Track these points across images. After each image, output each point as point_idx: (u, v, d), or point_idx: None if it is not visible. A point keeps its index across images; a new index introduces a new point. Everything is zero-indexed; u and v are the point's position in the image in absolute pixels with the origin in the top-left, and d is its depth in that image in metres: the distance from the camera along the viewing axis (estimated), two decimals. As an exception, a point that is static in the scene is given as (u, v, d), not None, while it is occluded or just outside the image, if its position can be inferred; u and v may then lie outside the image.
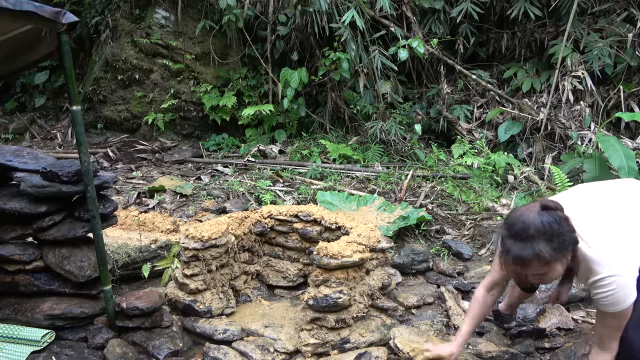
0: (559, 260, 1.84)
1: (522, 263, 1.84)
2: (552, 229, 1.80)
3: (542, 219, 1.82)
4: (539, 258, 1.81)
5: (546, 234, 1.80)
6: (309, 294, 2.77)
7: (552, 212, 1.83)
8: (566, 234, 1.82)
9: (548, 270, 1.85)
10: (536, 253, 1.80)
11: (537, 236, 1.80)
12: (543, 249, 1.79)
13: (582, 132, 5.75)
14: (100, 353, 2.65)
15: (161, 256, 3.57)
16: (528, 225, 1.82)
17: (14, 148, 3.06)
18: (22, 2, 2.07)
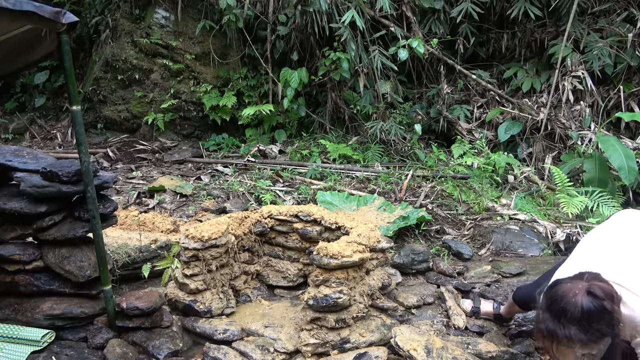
0: (591, 346, 1.82)
1: (552, 339, 1.85)
2: (591, 318, 1.78)
3: (585, 306, 1.79)
4: (570, 341, 1.81)
5: (582, 323, 1.79)
6: (309, 294, 2.77)
7: (597, 301, 1.79)
8: (605, 325, 1.79)
9: (577, 350, 1.83)
10: (567, 336, 1.80)
11: (574, 322, 1.80)
12: (576, 335, 1.79)
13: (582, 132, 5.75)
14: (100, 353, 2.65)
15: (161, 256, 3.57)
16: (567, 310, 1.81)
17: (14, 148, 3.06)
18: (22, 2, 2.07)
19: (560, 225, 4.23)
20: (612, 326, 1.80)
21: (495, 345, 2.85)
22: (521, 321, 3.12)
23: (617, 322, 1.80)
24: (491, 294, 3.39)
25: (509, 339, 3.01)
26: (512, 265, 3.66)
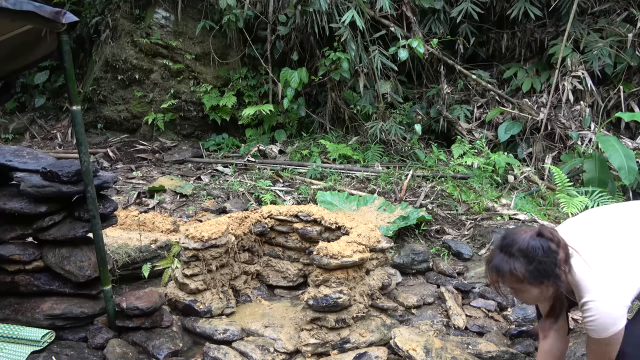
0: (535, 285, 1.88)
1: (497, 273, 1.93)
2: (535, 254, 1.86)
3: (530, 243, 1.88)
4: (512, 274, 1.88)
5: (527, 257, 1.86)
6: (309, 294, 2.77)
7: (543, 240, 1.87)
8: (547, 264, 1.85)
9: (522, 288, 1.91)
10: (510, 269, 1.88)
11: (518, 255, 1.87)
12: (518, 268, 1.86)
13: (582, 132, 5.75)
14: (100, 353, 2.65)
15: (161, 256, 3.57)
16: (515, 243, 1.90)
17: (14, 148, 3.06)
18: (22, 2, 2.07)
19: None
20: (555, 269, 1.85)
21: (495, 345, 2.85)
22: (521, 321, 3.12)
23: (561, 267, 1.85)
24: (491, 294, 3.39)
25: (509, 339, 3.01)
26: (512, 265, 3.65)
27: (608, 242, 1.96)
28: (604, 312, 1.83)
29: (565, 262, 1.88)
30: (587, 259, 1.91)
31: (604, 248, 1.94)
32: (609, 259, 1.91)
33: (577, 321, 3.08)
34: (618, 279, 1.86)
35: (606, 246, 1.95)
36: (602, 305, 1.83)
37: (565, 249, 1.90)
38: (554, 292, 1.91)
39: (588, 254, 1.92)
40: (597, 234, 2.00)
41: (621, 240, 1.96)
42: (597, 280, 1.87)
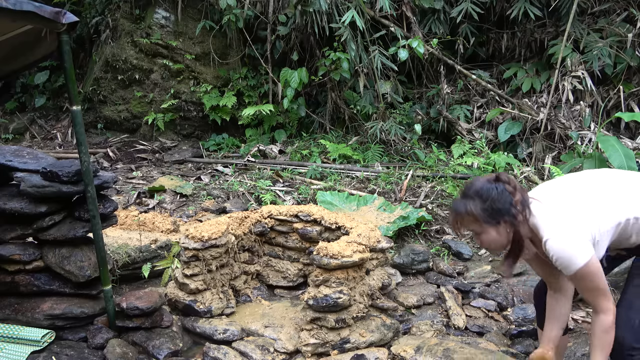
0: (490, 225, 1.97)
1: (455, 215, 2.04)
2: (489, 194, 1.96)
3: (485, 185, 1.99)
4: (468, 214, 1.99)
5: (481, 197, 1.97)
6: (309, 294, 2.77)
7: (499, 183, 1.98)
8: (502, 204, 1.95)
9: (479, 230, 2.00)
10: (466, 209, 1.99)
11: (474, 197, 1.99)
12: (473, 207, 1.97)
13: (582, 132, 5.75)
14: (100, 353, 2.65)
15: (161, 256, 3.57)
16: (472, 186, 2.03)
17: (14, 148, 3.06)
18: (22, 2, 2.07)
19: (560, 225, 4.23)
20: (510, 208, 1.94)
21: (495, 345, 2.85)
22: (521, 321, 3.12)
23: (517, 207, 1.94)
24: (491, 294, 3.39)
25: (509, 339, 3.01)
26: (512, 265, 3.66)
27: (568, 191, 2.06)
28: (558, 248, 1.90)
29: (522, 204, 1.96)
30: (546, 204, 2.00)
31: (563, 195, 2.04)
32: (566, 202, 2.00)
33: (577, 321, 3.08)
34: (570, 216, 1.94)
35: (565, 193, 2.05)
36: (556, 242, 1.90)
37: (522, 192, 1.98)
38: (513, 234, 1.97)
39: (548, 201, 2.02)
40: (559, 187, 2.11)
41: (581, 189, 2.06)
42: (551, 218, 1.95)
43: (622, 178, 2.11)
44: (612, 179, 2.12)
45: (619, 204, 2.00)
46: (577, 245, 1.89)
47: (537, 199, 2.03)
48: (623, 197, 2.02)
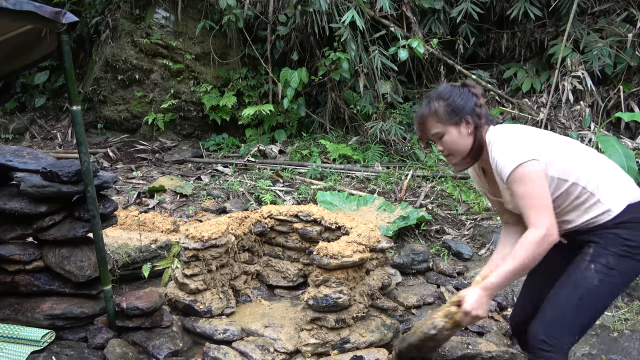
0: (453, 123, 2.00)
1: (420, 119, 2.08)
2: (452, 94, 2.02)
3: (449, 87, 2.06)
4: (431, 115, 2.03)
5: (444, 97, 2.02)
6: (309, 294, 2.77)
7: (463, 87, 2.04)
8: (464, 102, 2.00)
9: (443, 130, 2.02)
10: (430, 109, 2.03)
11: (437, 98, 2.04)
12: (438, 107, 2.01)
13: (582, 132, 5.75)
14: (100, 353, 2.65)
15: (161, 256, 3.57)
16: (436, 90, 2.09)
17: (14, 148, 3.06)
18: (22, 2, 2.07)
19: (560, 225, 4.23)
20: (473, 107, 1.99)
21: (495, 345, 2.85)
22: (521, 321, 3.12)
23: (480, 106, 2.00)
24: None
25: (508, 339, 3.01)
26: (512, 265, 3.66)
27: (528, 130, 2.04)
28: (500, 147, 1.89)
29: (484, 108, 2.01)
30: (503, 131, 2.00)
31: (519, 125, 2.07)
32: (518, 126, 2.03)
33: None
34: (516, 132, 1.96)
35: (524, 129, 2.03)
36: (500, 143, 1.91)
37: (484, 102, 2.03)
38: (474, 134, 2.00)
39: (504, 130, 2.01)
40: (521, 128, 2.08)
41: (541, 131, 2.05)
42: (499, 133, 1.98)
43: (596, 153, 2.03)
44: (586, 147, 2.05)
45: (577, 164, 1.90)
46: (519, 146, 1.86)
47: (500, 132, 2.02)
48: (583, 162, 1.92)
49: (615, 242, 1.86)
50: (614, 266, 1.86)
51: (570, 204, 1.91)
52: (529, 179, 1.81)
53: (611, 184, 1.90)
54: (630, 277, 1.94)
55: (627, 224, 1.86)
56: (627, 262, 1.87)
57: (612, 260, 1.86)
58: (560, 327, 1.88)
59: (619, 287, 1.92)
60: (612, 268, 1.86)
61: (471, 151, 2.03)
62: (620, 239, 1.86)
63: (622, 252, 1.85)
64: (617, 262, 1.86)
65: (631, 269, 1.90)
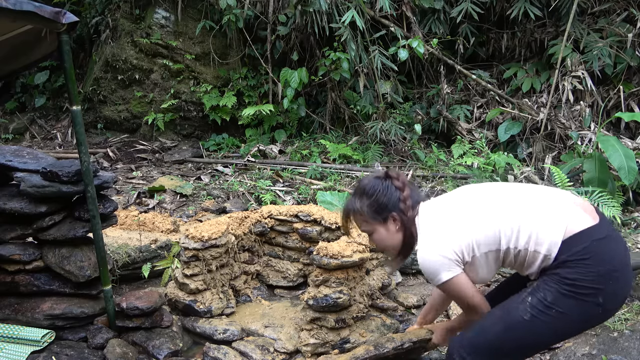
0: (379, 222, 2.01)
1: (344, 214, 2.09)
2: (375, 191, 2.00)
3: (371, 183, 2.03)
4: (356, 212, 2.04)
5: (367, 194, 2.01)
6: (309, 294, 2.77)
7: (385, 180, 2.02)
8: (387, 199, 1.98)
9: (370, 229, 2.04)
10: (354, 208, 2.04)
11: (360, 194, 2.03)
12: (361, 205, 2.02)
13: (582, 132, 5.75)
14: (100, 353, 2.65)
15: (161, 256, 3.57)
16: (360, 184, 2.08)
17: (14, 148, 3.06)
18: (22, 2, 2.07)
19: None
20: (397, 203, 1.99)
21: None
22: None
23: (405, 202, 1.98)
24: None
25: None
26: (512, 265, 3.66)
27: (451, 203, 2.01)
28: (423, 261, 1.92)
29: (410, 200, 1.99)
30: (433, 207, 2.01)
31: (444, 207, 2.00)
32: (444, 215, 1.96)
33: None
34: (440, 230, 1.92)
35: (447, 206, 2.00)
36: (423, 253, 1.92)
37: (411, 188, 2.02)
38: (402, 230, 2.01)
39: (436, 205, 2.02)
40: (446, 200, 2.05)
41: (463, 202, 1.98)
42: (428, 225, 1.96)
43: (519, 199, 1.91)
44: (507, 198, 1.93)
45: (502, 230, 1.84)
46: (436, 260, 1.88)
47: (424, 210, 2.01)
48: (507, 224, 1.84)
49: (555, 279, 1.78)
50: (552, 303, 1.76)
51: (514, 263, 1.90)
52: (455, 294, 1.96)
53: (540, 229, 1.81)
54: (584, 320, 1.81)
55: (567, 262, 1.76)
56: (571, 302, 1.75)
57: (550, 296, 1.77)
58: (476, 349, 1.88)
59: (567, 328, 1.82)
60: (550, 306, 1.76)
61: (403, 247, 2.08)
62: (559, 277, 1.77)
63: (564, 291, 1.75)
64: (557, 300, 1.76)
65: (580, 310, 1.76)
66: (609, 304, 1.79)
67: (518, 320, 1.80)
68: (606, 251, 1.76)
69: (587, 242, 1.75)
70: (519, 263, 1.89)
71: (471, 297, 1.94)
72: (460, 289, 1.92)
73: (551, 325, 1.78)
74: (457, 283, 1.90)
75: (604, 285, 1.74)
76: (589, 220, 1.81)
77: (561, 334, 1.89)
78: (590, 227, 1.79)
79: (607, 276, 1.74)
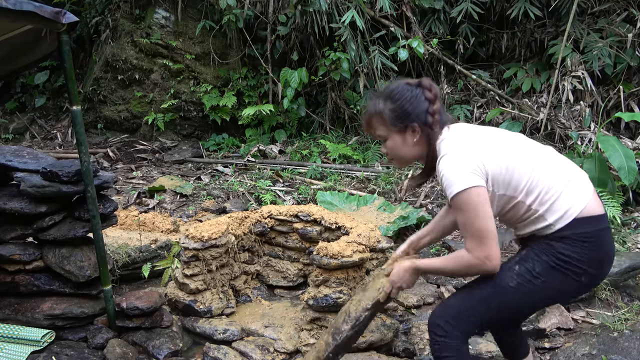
0: (397, 129, 1.87)
1: (366, 116, 1.93)
2: (401, 95, 1.86)
3: (400, 87, 1.88)
4: (377, 114, 1.89)
5: (392, 98, 1.86)
6: (309, 294, 2.77)
7: (416, 88, 1.88)
8: (413, 108, 1.85)
9: (386, 134, 1.90)
10: (376, 109, 1.89)
11: (385, 97, 1.88)
12: (383, 108, 1.87)
13: (582, 132, 5.75)
14: (100, 353, 2.65)
15: (161, 256, 3.57)
16: (388, 87, 1.92)
17: (14, 148, 3.06)
18: (22, 2, 2.07)
19: (560, 225, 4.23)
20: (421, 114, 1.85)
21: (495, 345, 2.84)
22: (521, 321, 3.12)
23: (432, 115, 1.86)
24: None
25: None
26: (512, 265, 3.66)
27: (487, 133, 1.91)
28: (442, 165, 1.78)
29: (439, 115, 1.87)
30: (458, 134, 1.89)
31: (479, 133, 1.91)
32: (478, 137, 1.87)
33: (577, 321, 3.08)
34: (471, 145, 1.81)
35: (483, 134, 1.90)
36: (443, 160, 1.79)
37: (439, 102, 1.90)
38: (422, 143, 1.88)
39: (461, 132, 1.90)
40: (482, 130, 1.95)
41: (499, 137, 1.90)
42: (451, 142, 1.84)
43: (550, 160, 1.86)
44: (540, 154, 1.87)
45: (525, 178, 1.78)
46: (466, 167, 1.73)
47: (459, 124, 1.91)
48: (532, 176, 1.78)
49: (548, 251, 1.79)
50: (539, 274, 1.78)
51: (517, 219, 1.86)
52: (470, 208, 1.72)
53: (559, 198, 1.78)
54: (561, 292, 1.83)
55: (565, 239, 1.77)
56: (557, 275, 1.78)
57: (539, 267, 1.79)
58: (460, 314, 1.86)
59: (545, 298, 1.85)
60: (537, 276, 1.79)
61: (425, 168, 1.94)
62: (553, 251, 1.78)
63: (553, 264, 1.77)
64: (545, 271, 1.78)
65: (563, 283, 1.79)
66: (590, 284, 1.88)
67: (503, 286, 1.81)
68: (604, 242, 1.81)
69: (595, 227, 1.78)
70: (520, 219, 1.84)
71: (484, 220, 1.72)
72: (477, 205, 1.71)
73: (535, 294, 1.81)
74: (475, 195, 1.71)
75: (593, 270, 1.79)
76: (600, 207, 1.83)
77: (541, 303, 1.94)
78: (601, 215, 1.81)
79: (598, 262, 1.80)
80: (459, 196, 1.72)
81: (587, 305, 3.20)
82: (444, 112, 1.92)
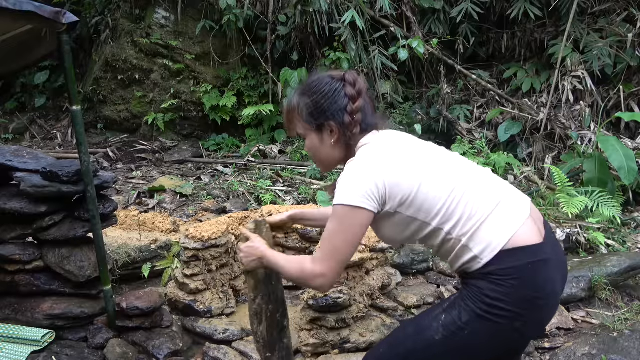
0: (311, 127, 1.67)
1: (285, 111, 1.75)
2: (318, 90, 1.65)
3: (320, 80, 1.67)
4: (293, 110, 1.70)
5: (309, 92, 1.67)
6: (309, 294, 2.78)
7: (336, 82, 1.65)
8: (329, 104, 1.63)
9: (304, 132, 1.70)
10: (291, 103, 1.71)
11: (302, 91, 1.70)
12: (298, 102, 1.68)
13: (582, 132, 5.75)
14: (100, 353, 2.65)
15: (161, 256, 3.56)
16: (309, 78, 1.73)
17: (14, 148, 3.06)
18: (22, 2, 2.07)
19: (560, 225, 4.22)
20: (338, 112, 1.62)
21: (495, 345, 2.84)
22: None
23: (350, 115, 1.62)
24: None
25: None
26: (512, 265, 3.66)
27: (407, 146, 1.67)
28: (344, 172, 1.58)
29: (360, 114, 1.63)
30: (384, 138, 1.68)
31: (398, 145, 1.66)
32: (394, 151, 1.63)
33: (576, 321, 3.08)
34: (378, 157, 1.59)
35: (402, 145, 1.67)
36: (348, 167, 1.59)
37: (367, 103, 1.66)
38: (340, 146, 1.66)
39: (381, 142, 1.65)
40: (405, 140, 1.72)
41: (419, 150, 1.66)
42: (365, 150, 1.63)
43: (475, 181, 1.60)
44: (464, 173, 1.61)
45: (444, 204, 1.54)
46: (359, 189, 1.52)
47: (387, 132, 1.69)
48: (452, 201, 1.54)
49: (474, 296, 1.51)
50: (464, 325, 1.51)
51: (438, 248, 1.61)
52: (342, 225, 1.55)
53: (482, 225, 1.53)
54: (495, 345, 1.55)
55: (490, 275, 1.50)
56: (485, 323, 1.50)
57: (465, 316, 1.51)
58: None
59: (477, 351, 1.55)
60: (462, 327, 1.51)
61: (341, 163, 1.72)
62: (479, 294, 1.50)
63: (479, 312, 1.49)
64: (472, 320, 1.51)
65: (493, 334, 1.51)
66: (529, 331, 1.58)
67: (429, 340, 1.56)
68: (537, 276, 1.51)
69: (523, 261, 1.49)
70: (443, 250, 1.60)
71: (346, 243, 1.55)
72: (350, 227, 1.54)
73: (464, 348, 1.54)
74: (354, 217, 1.53)
75: (523, 311, 1.49)
76: (536, 235, 1.55)
77: (473, 357, 1.59)
78: (534, 245, 1.52)
79: (527, 302, 1.50)
80: (341, 208, 1.54)
81: (587, 305, 3.21)
82: (371, 113, 1.69)
